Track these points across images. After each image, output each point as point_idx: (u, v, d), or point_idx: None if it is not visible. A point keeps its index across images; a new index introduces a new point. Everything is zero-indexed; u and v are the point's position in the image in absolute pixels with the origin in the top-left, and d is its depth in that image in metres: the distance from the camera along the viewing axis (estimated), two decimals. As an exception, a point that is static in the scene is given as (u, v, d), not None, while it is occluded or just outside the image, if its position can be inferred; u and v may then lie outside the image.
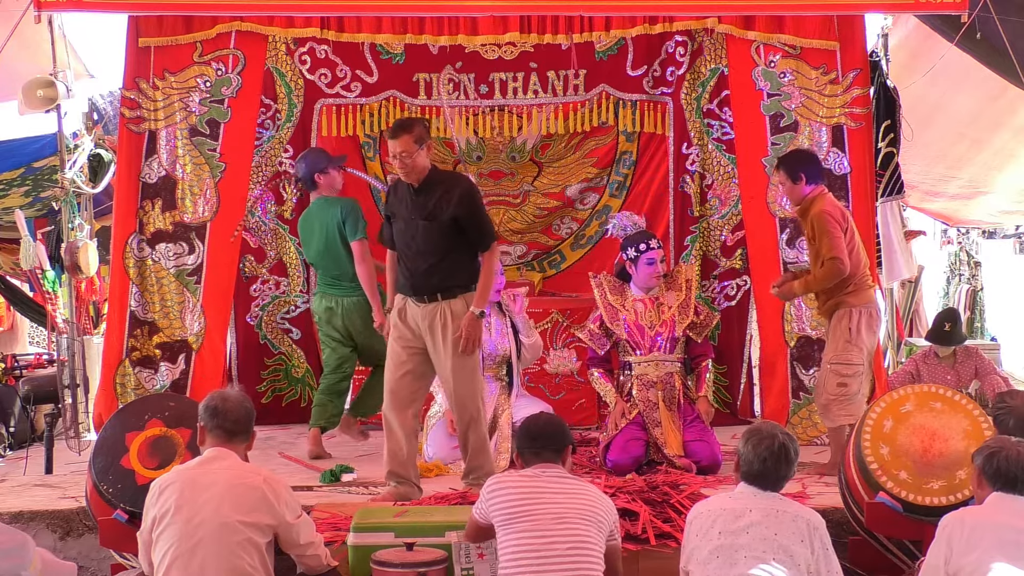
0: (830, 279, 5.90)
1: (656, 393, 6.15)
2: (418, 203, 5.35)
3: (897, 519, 4.48)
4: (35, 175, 8.03)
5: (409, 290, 5.43)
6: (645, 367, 6.20)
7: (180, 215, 6.87)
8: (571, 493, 4.01)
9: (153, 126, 6.84)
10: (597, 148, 7.98)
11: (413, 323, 5.41)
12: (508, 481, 4.08)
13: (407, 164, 5.28)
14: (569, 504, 3.95)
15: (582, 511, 3.94)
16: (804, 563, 3.67)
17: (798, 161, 6.13)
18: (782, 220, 6.99)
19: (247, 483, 3.89)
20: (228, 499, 3.83)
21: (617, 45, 7.57)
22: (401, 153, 5.26)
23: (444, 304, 5.35)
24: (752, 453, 3.80)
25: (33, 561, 3.24)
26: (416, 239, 5.36)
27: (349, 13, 7.03)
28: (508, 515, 3.94)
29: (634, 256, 6.26)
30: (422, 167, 5.32)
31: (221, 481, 3.86)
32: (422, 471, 5.94)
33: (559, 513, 3.92)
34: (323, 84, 7.61)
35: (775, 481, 3.81)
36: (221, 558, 3.77)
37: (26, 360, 8.41)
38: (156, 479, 3.97)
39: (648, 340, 6.20)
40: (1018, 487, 3.76)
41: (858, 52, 6.94)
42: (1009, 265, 13.18)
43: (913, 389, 4.78)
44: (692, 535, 3.82)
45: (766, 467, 3.78)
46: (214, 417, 3.98)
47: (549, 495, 3.98)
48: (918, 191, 10.21)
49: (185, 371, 6.82)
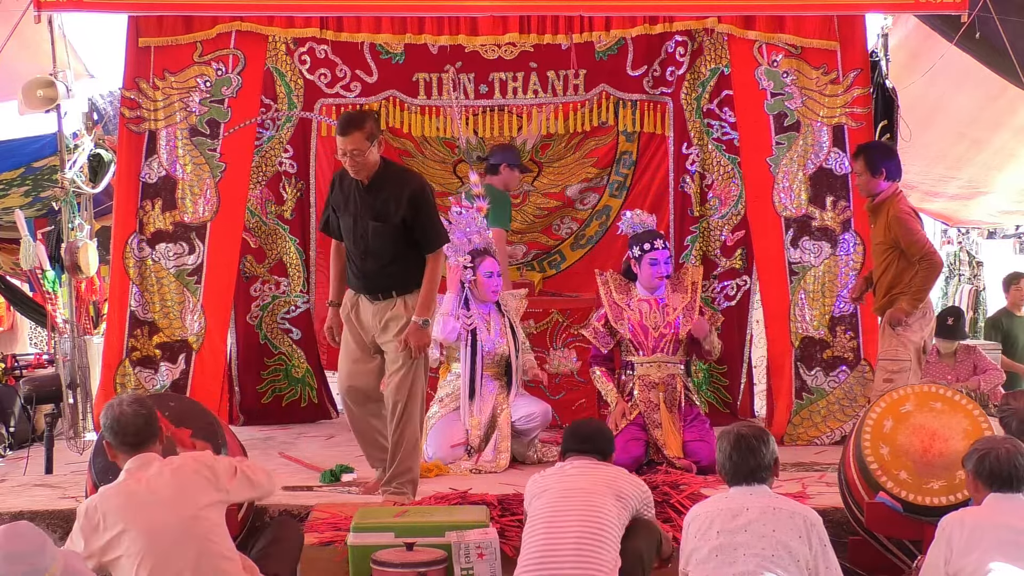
0: (931, 279, 5.94)
1: (658, 394, 6.15)
2: (367, 201, 5.18)
3: (897, 519, 4.48)
4: (35, 175, 8.03)
5: (361, 289, 5.31)
6: (647, 368, 6.20)
7: (180, 215, 6.87)
8: (595, 470, 4.32)
9: (153, 126, 6.84)
10: (597, 148, 7.98)
11: (366, 320, 5.32)
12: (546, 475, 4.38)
13: (358, 162, 5.08)
14: (590, 477, 4.26)
15: (600, 481, 4.23)
16: (803, 559, 3.68)
17: (881, 154, 6.10)
18: (787, 220, 6.98)
19: (184, 474, 3.85)
20: (177, 497, 3.78)
21: (617, 45, 7.57)
22: (352, 151, 5.04)
23: (399, 300, 5.25)
24: (721, 455, 3.91)
25: (51, 568, 3.14)
26: (366, 239, 5.20)
27: (349, 13, 7.03)
28: (537, 494, 4.25)
29: (638, 255, 6.25)
30: (373, 164, 5.14)
31: (162, 483, 3.79)
32: (422, 471, 5.94)
33: (578, 485, 4.21)
34: (323, 84, 7.61)
35: (750, 473, 3.84)
36: (194, 554, 3.73)
37: (26, 360, 8.40)
38: (82, 505, 3.85)
39: (652, 341, 6.20)
40: (1013, 485, 3.77)
41: (858, 52, 6.94)
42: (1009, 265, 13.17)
43: (913, 389, 4.79)
44: (691, 536, 3.83)
45: (735, 463, 3.85)
46: (116, 436, 3.88)
47: (574, 473, 4.30)
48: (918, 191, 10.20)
49: (185, 371, 6.82)
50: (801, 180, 6.96)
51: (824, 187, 6.97)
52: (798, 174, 6.96)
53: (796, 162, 6.96)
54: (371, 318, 5.29)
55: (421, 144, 7.93)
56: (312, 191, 7.78)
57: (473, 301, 6.30)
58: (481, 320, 6.29)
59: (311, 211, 7.77)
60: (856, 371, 6.93)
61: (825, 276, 6.95)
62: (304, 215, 7.78)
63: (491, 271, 6.29)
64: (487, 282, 6.28)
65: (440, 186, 7.93)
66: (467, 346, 6.25)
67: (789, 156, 6.95)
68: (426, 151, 7.97)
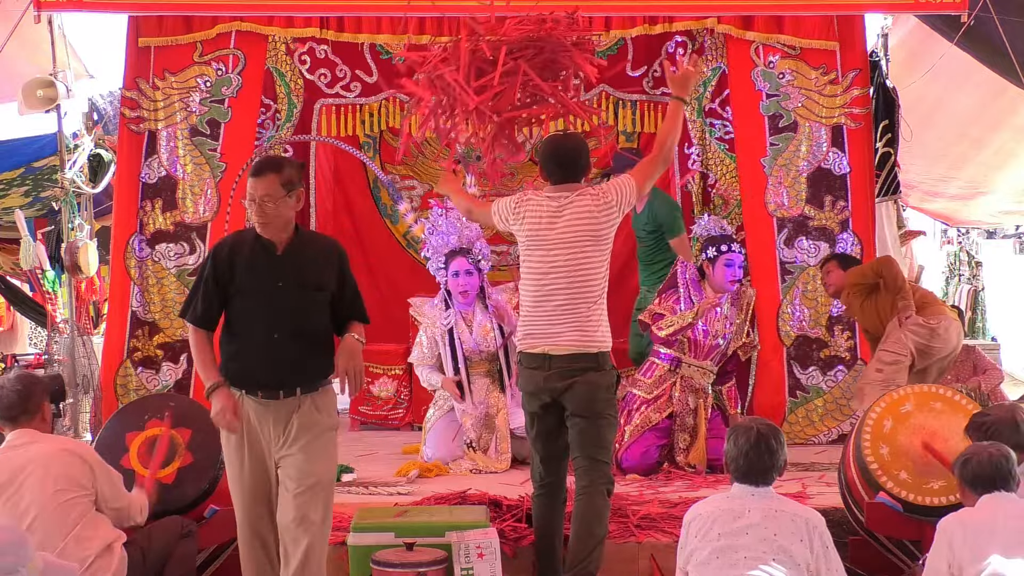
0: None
1: (696, 400, 6.11)
2: (284, 266, 4.06)
3: (897, 519, 4.49)
4: (35, 175, 8.04)
5: (261, 382, 4.03)
6: (693, 371, 6.15)
7: (181, 215, 6.88)
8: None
9: (153, 126, 6.84)
10: (597, 148, 7.97)
11: (257, 424, 4.05)
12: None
13: (267, 212, 3.99)
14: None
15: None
16: (804, 562, 3.67)
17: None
18: (780, 220, 6.99)
19: (61, 454, 4.06)
20: (50, 475, 4.00)
21: (617, 45, 7.57)
22: (263, 196, 3.98)
23: (306, 399, 4.04)
24: (735, 449, 3.83)
25: (33, 560, 3.23)
26: (283, 314, 4.02)
27: (349, 13, 7.03)
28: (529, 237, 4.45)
29: (713, 256, 6.18)
30: (285, 220, 4.06)
31: (36, 459, 4.03)
32: (422, 471, 5.95)
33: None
34: (323, 84, 7.60)
35: (762, 473, 3.81)
36: (58, 533, 3.93)
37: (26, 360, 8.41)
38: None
39: (706, 347, 6.15)
40: (997, 484, 3.77)
41: (858, 52, 6.95)
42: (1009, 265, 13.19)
43: (913, 389, 4.79)
44: (691, 536, 3.82)
45: (749, 460, 3.79)
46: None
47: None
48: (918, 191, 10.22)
49: (187, 371, 6.82)
50: (798, 180, 6.97)
51: (822, 187, 6.98)
52: (794, 174, 6.97)
53: (792, 162, 6.97)
54: (265, 421, 4.04)
55: (421, 144, 7.92)
56: (312, 191, 7.77)
57: (454, 301, 6.30)
58: (461, 319, 6.28)
59: (311, 211, 7.76)
60: (853, 371, 6.93)
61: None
62: (304, 215, 7.76)
63: (457, 270, 6.26)
64: (453, 282, 6.27)
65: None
66: (446, 346, 6.25)
67: (784, 157, 6.97)
68: (426, 151, 7.97)
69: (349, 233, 8.01)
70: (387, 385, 7.32)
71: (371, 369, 7.26)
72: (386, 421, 7.33)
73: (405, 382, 7.30)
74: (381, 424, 7.33)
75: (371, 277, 8.09)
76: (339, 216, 8.01)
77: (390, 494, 5.52)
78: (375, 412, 7.33)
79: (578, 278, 4.40)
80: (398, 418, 7.33)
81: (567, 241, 4.42)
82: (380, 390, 7.31)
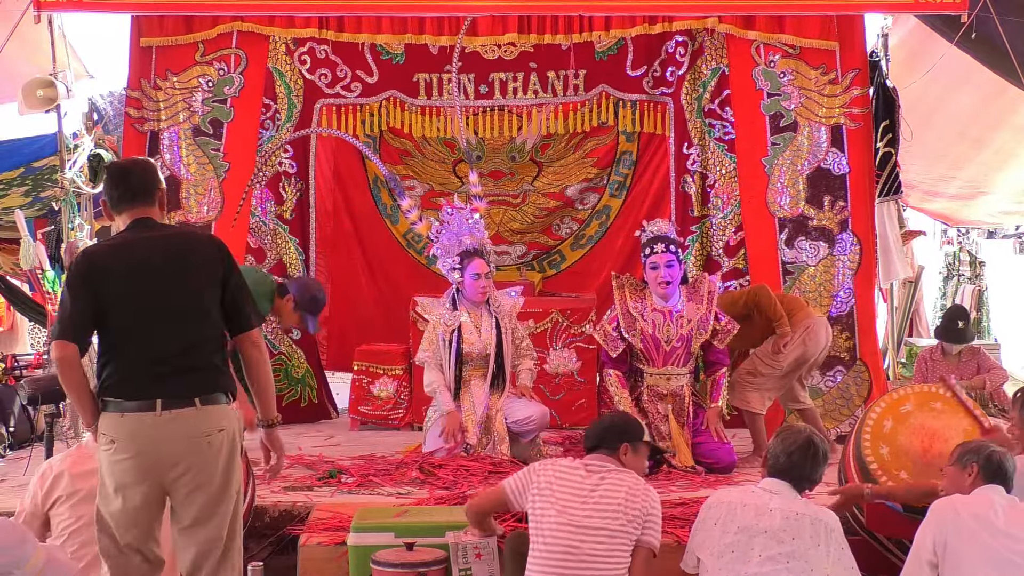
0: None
1: (666, 406, 6.06)
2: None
3: (897, 519, 4.49)
4: (35, 175, 8.04)
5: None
6: (656, 379, 6.07)
7: (185, 215, 6.88)
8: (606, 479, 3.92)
9: (156, 126, 6.85)
10: (597, 148, 7.99)
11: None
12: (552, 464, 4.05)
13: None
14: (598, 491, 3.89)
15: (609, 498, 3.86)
16: (819, 566, 3.68)
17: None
18: (781, 220, 7.00)
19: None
20: None
21: (617, 45, 7.57)
22: None
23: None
24: (780, 447, 3.86)
25: (31, 559, 3.22)
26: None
27: (349, 13, 7.05)
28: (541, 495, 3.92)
29: (643, 260, 6.09)
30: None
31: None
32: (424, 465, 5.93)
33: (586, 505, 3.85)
34: (323, 84, 7.61)
35: (799, 479, 3.83)
36: None
37: (26, 360, 8.40)
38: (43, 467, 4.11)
39: (662, 354, 6.05)
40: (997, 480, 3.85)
41: (857, 52, 6.97)
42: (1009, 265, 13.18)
43: (913, 389, 4.80)
44: (709, 521, 3.82)
45: (792, 461, 3.82)
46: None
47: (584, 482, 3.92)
48: (918, 191, 10.21)
49: (186, 371, 6.81)
50: (798, 180, 6.97)
51: (822, 187, 6.99)
52: (794, 174, 6.97)
53: (792, 162, 6.98)
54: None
55: (421, 144, 7.93)
56: (312, 191, 7.78)
57: (462, 301, 6.28)
58: (471, 320, 6.26)
59: (311, 211, 7.77)
60: (852, 371, 6.94)
61: (822, 276, 6.96)
62: (304, 215, 7.77)
63: (477, 272, 6.23)
64: (473, 284, 6.22)
65: (440, 186, 7.95)
66: (447, 345, 6.23)
67: (785, 156, 6.97)
68: (426, 151, 7.97)
69: (349, 233, 8.02)
70: (387, 385, 7.31)
71: (371, 369, 7.28)
72: (386, 421, 7.33)
73: (405, 382, 7.30)
74: (381, 424, 7.33)
75: (371, 277, 8.11)
76: (339, 216, 8.02)
77: (390, 494, 5.52)
78: (375, 412, 7.33)
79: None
80: (398, 418, 7.33)
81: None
82: (380, 390, 7.31)
